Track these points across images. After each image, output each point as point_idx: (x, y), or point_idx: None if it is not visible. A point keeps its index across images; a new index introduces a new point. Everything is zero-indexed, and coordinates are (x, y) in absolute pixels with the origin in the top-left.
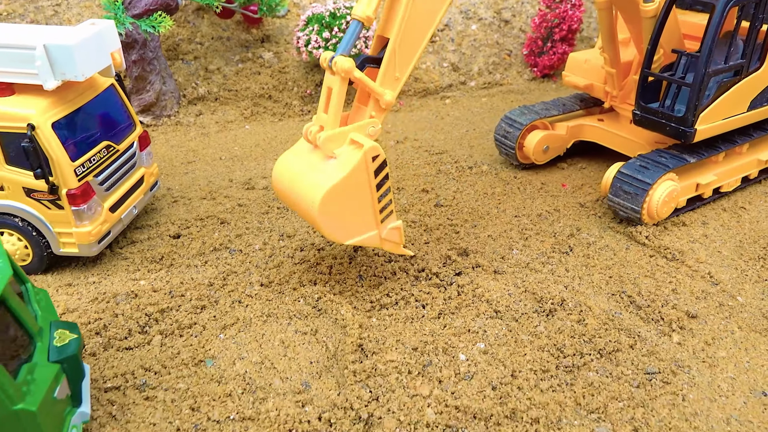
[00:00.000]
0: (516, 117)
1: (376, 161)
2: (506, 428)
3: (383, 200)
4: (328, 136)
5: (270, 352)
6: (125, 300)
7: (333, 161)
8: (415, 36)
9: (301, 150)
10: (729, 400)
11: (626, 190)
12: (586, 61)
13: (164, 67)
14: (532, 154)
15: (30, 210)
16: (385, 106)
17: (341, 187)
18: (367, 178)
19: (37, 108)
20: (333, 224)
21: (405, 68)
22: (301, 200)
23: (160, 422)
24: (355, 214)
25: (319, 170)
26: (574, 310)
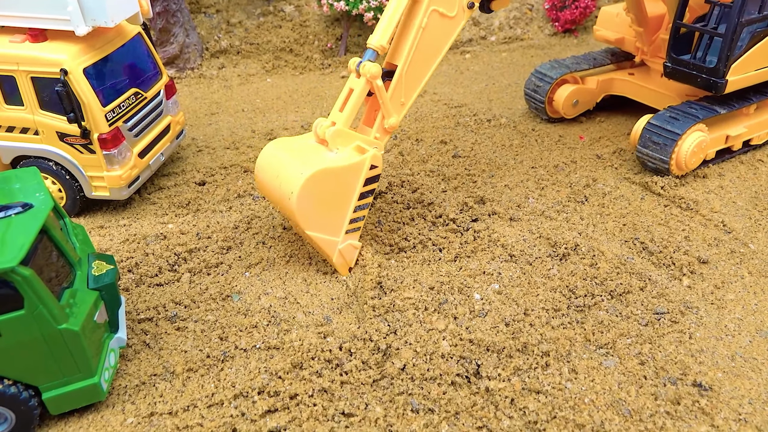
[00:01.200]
0: (546, 71)
1: (373, 171)
2: (518, 360)
3: (358, 213)
4: (339, 131)
5: (293, 289)
6: (155, 241)
7: (333, 153)
8: (421, 66)
9: (301, 139)
10: (735, 338)
11: (655, 140)
12: (617, 14)
13: (187, 20)
14: (562, 108)
15: (63, 154)
16: (388, 128)
17: (334, 174)
18: (357, 180)
19: (69, 54)
20: (308, 207)
21: (410, 95)
22: (283, 176)
23: (191, 350)
24: (330, 210)
25: (317, 155)
26: (587, 254)
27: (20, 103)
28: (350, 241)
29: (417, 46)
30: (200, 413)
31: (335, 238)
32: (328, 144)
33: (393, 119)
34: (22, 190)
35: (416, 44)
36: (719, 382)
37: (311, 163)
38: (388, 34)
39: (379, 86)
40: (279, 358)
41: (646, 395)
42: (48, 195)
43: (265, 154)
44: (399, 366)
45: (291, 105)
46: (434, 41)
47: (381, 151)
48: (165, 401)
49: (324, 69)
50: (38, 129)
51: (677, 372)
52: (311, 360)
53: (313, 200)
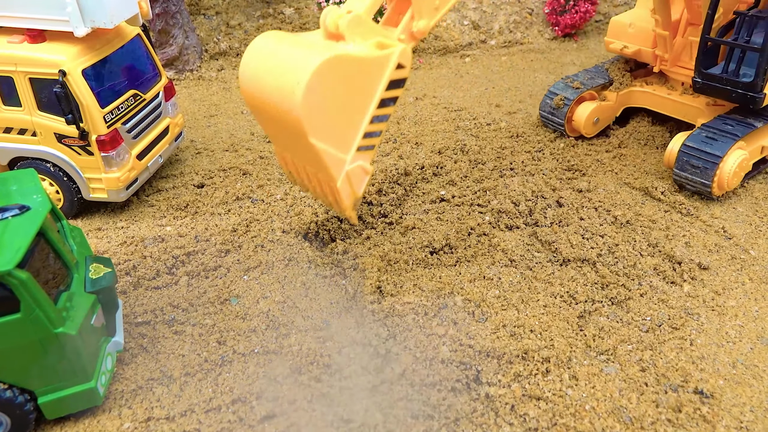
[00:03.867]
0: (561, 91)
1: (399, 71)
2: (518, 366)
3: (374, 125)
4: (358, 18)
5: (292, 293)
6: (153, 243)
7: (350, 45)
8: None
9: (303, 35)
10: (736, 345)
11: (694, 164)
12: (630, 25)
13: (187, 22)
14: (583, 128)
15: (61, 155)
16: (417, 32)
17: (354, 65)
18: (381, 81)
19: (67, 55)
20: (316, 105)
21: (446, 0)
22: (288, 65)
23: (188, 354)
24: (341, 115)
25: (326, 44)
26: (587, 259)
27: (18, 104)
28: (361, 162)
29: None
30: (198, 418)
31: (344, 154)
32: (345, 36)
33: (423, 22)
34: (20, 192)
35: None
36: (720, 390)
37: (322, 50)
38: None
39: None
40: (278, 362)
41: (647, 402)
42: (45, 197)
43: (256, 45)
44: (398, 371)
45: None
46: None
47: (409, 52)
48: (162, 406)
49: None
50: (36, 130)
51: (678, 379)
52: (310, 365)
53: (324, 96)
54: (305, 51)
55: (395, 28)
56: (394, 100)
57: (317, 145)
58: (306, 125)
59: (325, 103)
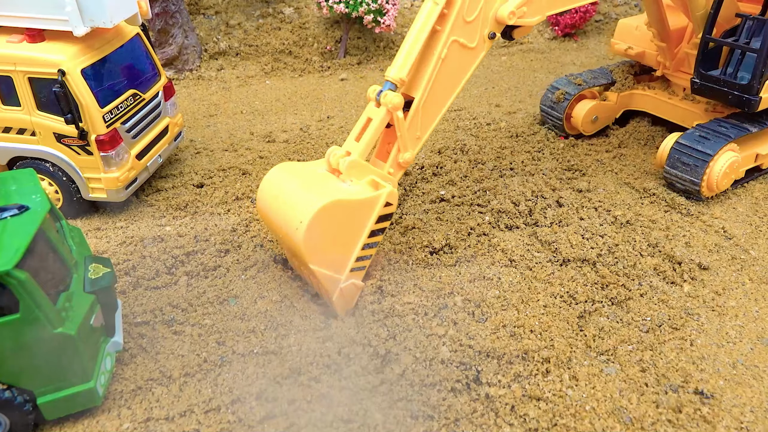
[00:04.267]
0: (563, 87)
1: (387, 208)
2: (518, 367)
3: (366, 251)
4: (354, 162)
5: (289, 292)
6: (152, 243)
7: (347, 184)
8: (439, 98)
9: (310, 166)
10: (736, 346)
11: (685, 161)
12: (636, 27)
13: (186, 21)
14: (581, 125)
15: (60, 155)
16: (403, 162)
17: (348, 207)
18: (371, 217)
19: (67, 54)
20: (316, 240)
21: (426, 129)
22: (295, 202)
23: (188, 354)
24: (337, 245)
25: (328, 185)
26: (587, 260)
27: (17, 103)
28: (353, 280)
29: (436, 78)
30: (197, 418)
31: (339, 275)
32: (342, 174)
33: (408, 154)
34: (19, 191)
35: (435, 76)
36: (721, 390)
37: (324, 193)
38: (407, 67)
39: (399, 118)
40: (277, 363)
41: (647, 403)
42: (44, 197)
43: (270, 178)
44: (398, 372)
45: (290, 107)
46: (453, 73)
47: (394, 187)
48: (162, 406)
49: (323, 71)
50: (35, 130)
51: (679, 379)
52: (309, 365)
53: (323, 233)
54: (309, 193)
55: (385, 163)
56: (383, 230)
57: (315, 269)
58: (306, 255)
59: (323, 236)
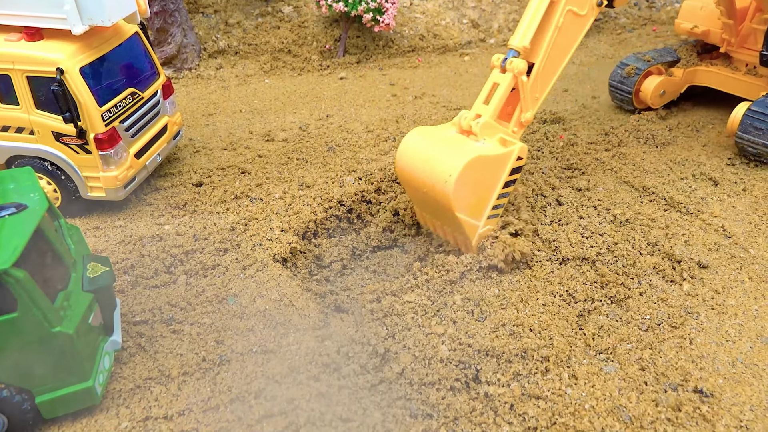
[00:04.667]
0: (632, 63)
1: (518, 161)
2: (517, 365)
3: (500, 200)
4: (487, 123)
5: (288, 291)
6: (151, 242)
7: (481, 143)
8: (555, 63)
9: (441, 130)
10: (736, 344)
11: (757, 126)
12: (701, 8)
13: (185, 20)
14: (650, 99)
15: (59, 154)
16: (524, 121)
17: (486, 162)
18: (505, 169)
19: (65, 53)
20: (462, 191)
21: (543, 90)
22: (435, 163)
23: (186, 353)
24: (478, 195)
25: (467, 144)
26: (586, 258)
27: (15, 102)
28: (489, 226)
29: (553, 44)
30: (196, 417)
31: (478, 222)
32: (477, 135)
33: (529, 113)
34: (17, 190)
35: (552, 42)
36: (720, 389)
37: (467, 150)
38: (529, 35)
39: (524, 81)
40: (276, 361)
41: (646, 401)
42: (43, 195)
43: (410, 141)
44: (397, 370)
45: (289, 106)
46: (567, 39)
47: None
48: (160, 405)
49: (322, 70)
50: (34, 129)
51: (678, 378)
52: (308, 364)
53: (467, 185)
54: (453, 151)
55: (509, 123)
56: (514, 181)
57: (460, 217)
58: (454, 206)
59: (466, 188)
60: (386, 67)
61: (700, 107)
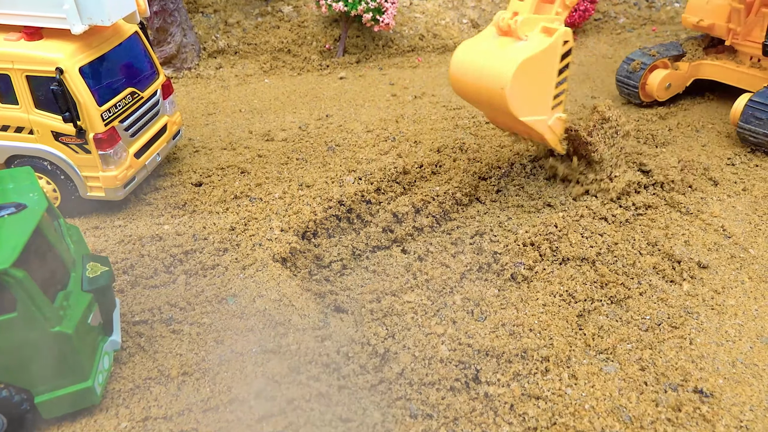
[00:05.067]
0: (638, 57)
1: (566, 45)
2: (517, 365)
3: (559, 87)
4: (525, 19)
5: (288, 291)
6: (150, 242)
7: (524, 42)
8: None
9: (484, 38)
10: (736, 344)
11: (758, 116)
12: (708, 2)
13: (185, 20)
14: (656, 92)
15: (58, 153)
16: (569, 3)
17: (535, 61)
18: (555, 59)
19: (64, 52)
20: (518, 97)
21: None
22: (487, 75)
23: (186, 353)
24: (537, 93)
25: (511, 48)
26: (586, 258)
27: (15, 101)
28: (557, 115)
29: None
30: (195, 417)
31: (544, 116)
32: (518, 33)
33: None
34: (16, 190)
35: None
36: (720, 389)
37: (512, 57)
38: None
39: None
40: (276, 362)
41: (646, 401)
42: (42, 195)
43: (459, 57)
44: (397, 370)
45: (289, 106)
46: None
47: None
48: (160, 405)
49: (322, 70)
50: (33, 128)
51: (678, 378)
52: (308, 364)
53: (522, 89)
54: (501, 58)
55: (552, 5)
56: (568, 65)
57: (524, 119)
58: (513, 110)
59: (522, 90)
60: (386, 66)
61: (700, 107)
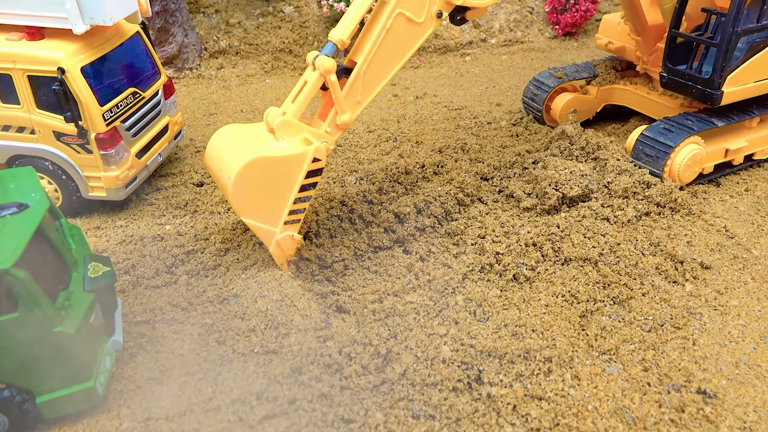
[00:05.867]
0: (544, 79)
1: (315, 164)
2: (520, 366)
3: (298, 205)
4: (286, 121)
5: (289, 291)
6: (152, 242)
7: (279, 143)
8: (381, 67)
9: (252, 127)
10: (739, 345)
11: (648, 152)
12: (619, 23)
13: (186, 20)
14: (559, 117)
15: (60, 153)
16: (341, 124)
17: (274, 163)
18: (298, 172)
19: (66, 52)
20: (243, 193)
21: (367, 95)
22: (225, 159)
23: (188, 354)
24: (267, 199)
25: (261, 143)
26: (589, 259)
27: (16, 101)
28: (288, 233)
29: (379, 47)
30: (197, 418)
31: (273, 228)
32: (275, 133)
33: (346, 116)
34: (18, 189)
35: (378, 45)
36: (724, 390)
37: (251, 150)
38: (349, 30)
39: (332, 81)
40: (277, 362)
41: (650, 402)
42: (44, 195)
43: (215, 137)
44: (399, 371)
45: None
46: (397, 44)
47: (331, 146)
48: (161, 406)
49: None
50: (35, 128)
51: (681, 379)
52: (310, 364)
53: (250, 188)
54: (238, 152)
55: (324, 122)
56: (314, 185)
57: (248, 222)
58: (237, 209)
59: (251, 191)
60: None
61: None
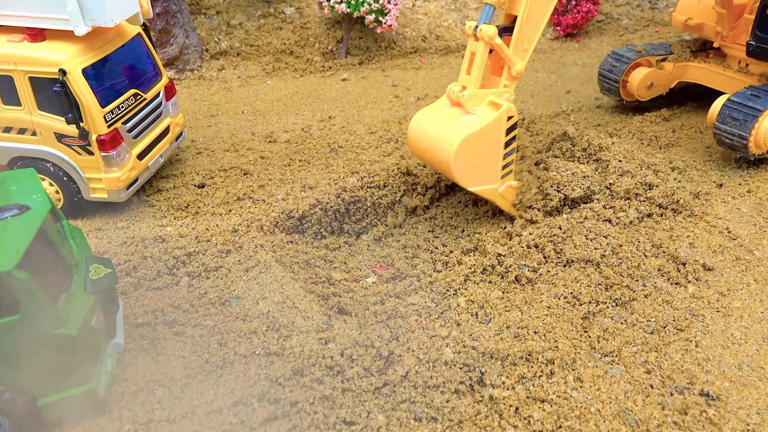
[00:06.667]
0: (623, 53)
1: (510, 121)
2: (522, 368)
3: (507, 158)
4: (471, 94)
5: (291, 293)
6: (153, 244)
7: (471, 116)
8: (539, 10)
9: (439, 106)
10: (741, 347)
11: (735, 116)
12: (698, 1)
13: (187, 21)
14: (636, 90)
15: (61, 155)
16: (515, 74)
17: (477, 136)
18: (499, 133)
19: (67, 54)
20: (464, 169)
21: (532, 40)
22: (436, 146)
23: (189, 355)
24: (483, 165)
25: (458, 122)
26: (591, 260)
27: (18, 103)
28: (507, 183)
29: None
30: (199, 420)
31: (494, 185)
32: (464, 107)
33: (519, 65)
34: (19, 191)
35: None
36: (726, 392)
37: (456, 132)
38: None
39: (498, 44)
40: (279, 364)
41: (652, 405)
42: (45, 197)
43: (414, 127)
44: (401, 373)
45: (291, 107)
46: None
47: (512, 95)
48: (163, 408)
49: (324, 71)
50: (36, 130)
51: (684, 381)
52: (312, 366)
53: (467, 162)
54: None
55: (500, 78)
56: (515, 138)
57: (474, 190)
58: (460, 181)
59: (466, 163)
60: (388, 68)
61: (703, 109)
